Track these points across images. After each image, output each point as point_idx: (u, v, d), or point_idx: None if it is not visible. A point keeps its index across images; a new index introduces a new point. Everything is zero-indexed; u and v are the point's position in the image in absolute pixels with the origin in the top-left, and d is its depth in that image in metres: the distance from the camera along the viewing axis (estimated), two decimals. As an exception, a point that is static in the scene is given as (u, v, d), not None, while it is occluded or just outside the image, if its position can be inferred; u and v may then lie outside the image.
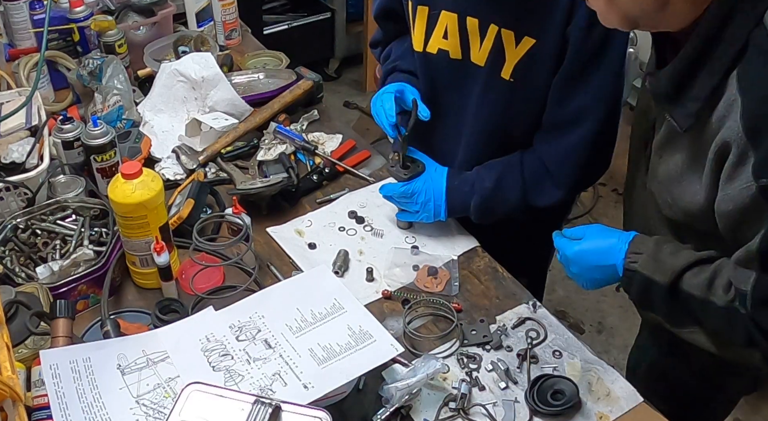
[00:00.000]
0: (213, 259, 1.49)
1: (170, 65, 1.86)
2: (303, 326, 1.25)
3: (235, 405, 1.03)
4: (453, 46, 1.47)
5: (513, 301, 1.44)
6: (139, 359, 1.21)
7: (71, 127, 1.58)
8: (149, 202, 1.33)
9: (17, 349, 1.23)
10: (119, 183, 1.34)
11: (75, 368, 1.16)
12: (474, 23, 1.41)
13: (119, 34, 1.96)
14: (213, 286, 1.45)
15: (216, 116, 1.81)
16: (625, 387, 1.29)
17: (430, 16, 1.47)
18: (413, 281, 1.47)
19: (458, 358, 1.33)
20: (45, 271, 1.39)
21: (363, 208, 1.65)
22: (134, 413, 1.13)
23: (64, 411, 1.09)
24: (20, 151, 1.58)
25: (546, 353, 1.34)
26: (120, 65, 1.83)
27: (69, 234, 1.47)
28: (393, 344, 1.22)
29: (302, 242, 1.57)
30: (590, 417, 1.24)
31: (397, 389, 1.20)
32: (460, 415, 1.23)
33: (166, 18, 2.10)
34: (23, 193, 1.50)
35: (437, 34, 1.47)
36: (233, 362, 1.20)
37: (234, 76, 1.98)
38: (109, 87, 1.77)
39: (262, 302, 1.30)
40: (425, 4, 1.47)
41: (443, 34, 1.46)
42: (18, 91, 1.78)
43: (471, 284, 1.48)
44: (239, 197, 1.56)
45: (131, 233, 1.38)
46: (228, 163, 1.73)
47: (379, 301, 1.44)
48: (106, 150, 1.57)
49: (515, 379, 1.29)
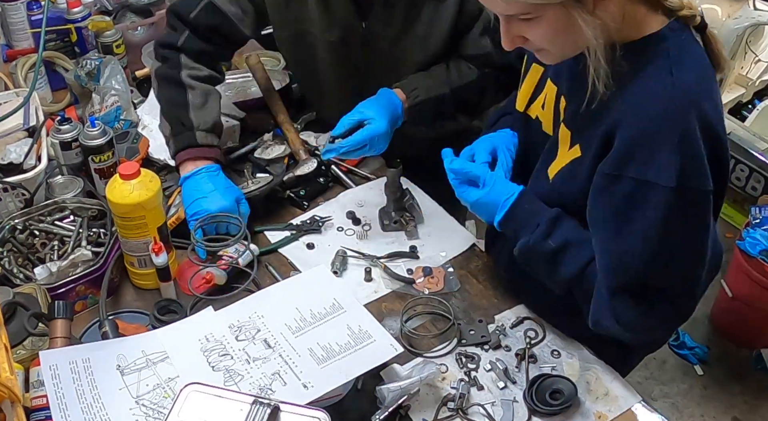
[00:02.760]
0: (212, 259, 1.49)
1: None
2: (302, 326, 1.26)
3: (233, 405, 1.03)
4: (546, 119, 1.31)
5: (511, 300, 1.44)
6: (139, 360, 1.21)
7: (69, 127, 1.58)
8: (147, 203, 1.33)
9: (15, 350, 1.23)
10: (117, 183, 1.34)
11: (74, 369, 1.16)
12: (563, 105, 1.26)
13: (117, 35, 1.96)
14: (212, 286, 1.44)
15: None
16: (624, 387, 1.29)
17: (540, 79, 1.33)
18: (412, 286, 1.47)
19: (457, 358, 1.33)
20: (43, 272, 1.39)
21: (361, 208, 1.65)
22: (134, 414, 1.13)
23: (64, 412, 1.09)
24: (18, 152, 1.58)
25: (544, 352, 1.34)
26: (118, 66, 1.83)
27: (67, 235, 1.47)
28: (392, 344, 1.22)
29: (300, 242, 1.57)
30: (589, 417, 1.25)
31: (390, 391, 1.20)
32: (459, 415, 1.23)
33: (164, 18, 2.10)
34: (21, 193, 1.50)
35: (540, 100, 1.33)
36: (233, 361, 1.20)
37: (227, 76, 1.98)
38: (106, 87, 1.77)
39: (261, 302, 1.30)
40: (541, 65, 1.32)
41: (542, 103, 1.32)
42: (16, 91, 1.78)
43: (469, 283, 1.48)
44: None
45: (129, 234, 1.38)
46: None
47: (377, 301, 1.44)
48: (104, 151, 1.56)
49: (514, 379, 1.29)
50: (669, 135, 1.05)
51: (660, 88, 1.06)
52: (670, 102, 1.05)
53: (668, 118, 1.05)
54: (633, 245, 1.12)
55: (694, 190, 1.08)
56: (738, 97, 3.07)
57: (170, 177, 1.72)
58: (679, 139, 1.04)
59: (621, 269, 1.15)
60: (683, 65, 1.07)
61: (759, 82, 3.11)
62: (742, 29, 2.72)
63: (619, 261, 1.15)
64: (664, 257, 1.13)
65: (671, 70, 1.06)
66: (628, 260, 1.14)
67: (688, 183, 1.06)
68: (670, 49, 1.08)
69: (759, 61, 3.06)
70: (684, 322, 1.33)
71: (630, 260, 1.14)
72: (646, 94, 1.08)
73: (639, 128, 1.07)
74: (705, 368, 2.68)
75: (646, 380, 2.64)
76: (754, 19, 2.70)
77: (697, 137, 1.05)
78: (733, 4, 2.73)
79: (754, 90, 3.13)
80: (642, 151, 1.07)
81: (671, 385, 2.64)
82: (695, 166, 1.06)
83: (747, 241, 2.46)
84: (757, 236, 2.45)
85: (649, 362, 2.70)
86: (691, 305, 1.24)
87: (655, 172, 1.06)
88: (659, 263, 1.13)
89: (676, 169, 1.05)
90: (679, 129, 1.05)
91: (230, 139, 1.80)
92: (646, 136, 1.07)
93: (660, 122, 1.06)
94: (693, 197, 1.09)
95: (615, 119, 1.10)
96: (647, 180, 1.07)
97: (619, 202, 1.12)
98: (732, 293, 2.63)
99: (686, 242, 1.13)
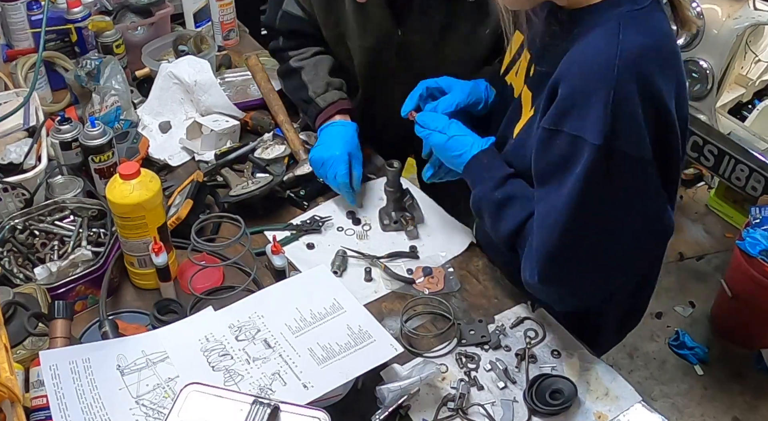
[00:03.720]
0: (212, 259, 1.49)
1: (166, 67, 1.86)
2: (302, 326, 1.26)
3: (233, 405, 1.03)
4: (518, 86, 1.35)
5: (511, 300, 1.44)
6: (139, 360, 1.21)
7: (69, 127, 1.58)
8: (147, 203, 1.33)
9: (15, 350, 1.23)
10: (117, 183, 1.34)
11: (75, 369, 1.16)
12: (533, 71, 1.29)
13: (117, 35, 1.96)
14: (212, 286, 1.45)
15: (216, 118, 1.81)
16: (624, 386, 1.29)
17: (519, 47, 1.36)
18: (412, 286, 1.47)
19: (457, 358, 1.33)
20: (43, 272, 1.39)
21: (361, 208, 1.65)
22: (134, 414, 1.13)
23: (64, 412, 1.09)
24: (18, 152, 1.58)
25: (544, 352, 1.34)
26: (118, 66, 1.83)
27: (67, 235, 1.47)
28: (392, 344, 1.22)
29: (300, 242, 1.57)
30: (588, 417, 1.25)
31: (390, 391, 1.20)
32: (459, 415, 1.23)
33: (164, 18, 2.10)
34: (21, 193, 1.50)
35: (515, 67, 1.37)
36: (233, 361, 1.20)
37: (227, 75, 1.98)
38: (106, 87, 1.77)
39: (261, 302, 1.30)
40: (522, 32, 1.33)
41: (516, 70, 1.37)
42: (16, 91, 1.78)
43: (469, 283, 1.48)
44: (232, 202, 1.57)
45: (129, 234, 1.38)
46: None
47: (377, 301, 1.44)
48: (104, 150, 1.57)
49: (514, 379, 1.29)
50: (600, 96, 1.07)
51: (603, 48, 1.09)
52: (608, 61, 1.07)
53: (604, 76, 1.07)
54: (559, 199, 1.14)
55: (622, 153, 1.09)
56: (738, 97, 3.07)
57: (170, 177, 1.73)
58: (613, 100, 1.06)
59: (546, 224, 1.18)
60: (634, 30, 1.09)
61: (759, 82, 3.10)
62: (742, 29, 2.72)
63: (546, 215, 1.18)
64: (586, 217, 1.14)
65: (619, 33, 1.08)
66: (555, 213, 1.16)
67: (616, 144, 1.08)
68: (622, 14, 1.10)
69: (759, 61, 3.06)
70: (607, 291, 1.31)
71: (557, 213, 1.15)
72: (588, 52, 1.10)
73: (576, 84, 1.10)
74: (705, 368, 2.68)
75: (646, 380, 2.64)
76: (754, 19, 2.70)
77: (635, 102, 1.07)
78: (733, 4, 2.73)
79: (754, 90, 3.12)
80: (577, 107, 1.09)
81: (671, 385, 2.64)
82: (626, 129, 1.08)
83: (747, 241, 2.46)
84: (757, 236, 2.46)
85: (649, 362, 2.70)
86: (614, 275, 1.24)
87: (585, 128, 1.08)
88: (580, 222, 1.14)
89: (604, 127, 1.06)
90: (612, 89, 1.06)
91: (230, 139, 1.81)
92: (582, 91, 1.09)
93: (595, 79, 1.08)
94: (620, 160, 1.09)
95: (558, 75, 1.13)
96: (579, 135, 1.09)
97: (555, 156, 1.15)
98: (732, 293, 2.63)
99: (611, 207, 1.14)
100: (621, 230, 1.17)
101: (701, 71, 2.79)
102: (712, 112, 2.84)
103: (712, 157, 2.80)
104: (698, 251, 3.13)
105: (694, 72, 2.80)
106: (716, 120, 2.85)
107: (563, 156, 1.13)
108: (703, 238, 3.20)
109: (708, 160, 2.82)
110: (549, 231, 1.18)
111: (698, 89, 2.82)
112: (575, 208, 1.13)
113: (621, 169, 1.11)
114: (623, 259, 1.21)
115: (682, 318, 2.87)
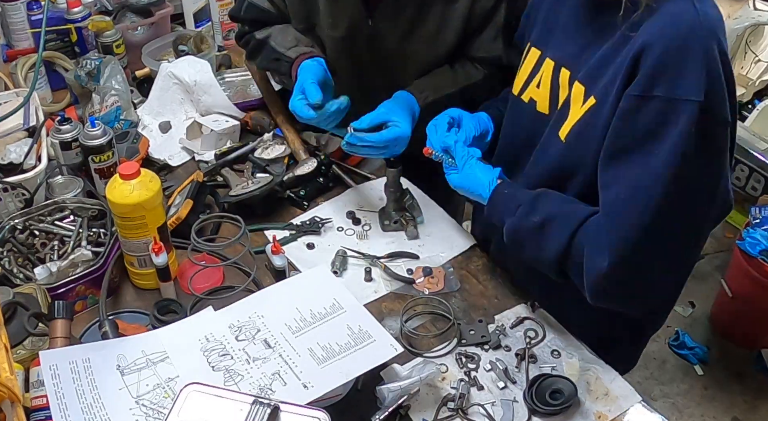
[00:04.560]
0: (212, 259, 1.49)
1: (166, 67, 1.86)
2: (302, 326, 1.26)
3: (233, 405, 1.03)
4: (542, 98, 1.34)
5: (511, 300, 1.44)
6: (139, 360, 1.21)
7: (69, 127, 1.58)
8: (147, 203, 1.33)
9: (15, 350, 1.23)
10: (117, 183, 1.34)
11: (75, 369, 1.16)
12: (566, 76, 1.28)
13: (117, 35, 1.96)
14: (212, 286, 1.45)
15: (216, 118, 1.81)
16: (624, 387, 1.29)
17: (537, 61, 1.36)
18: (413, 286, 1.47)
19: (457, 358, 1.33)
20: (43, 272, 1.39)
21: (361, 208, 1.65)
22: (134, 414, 1.13)
23: (64, 412, 1.09)
24: (18, 152, 1.58)
25: (544, 352, 1.34)
26: (118, 66, 1.83)
27: (67, 235, 1.47)
28: (392, 344, 1.22)
29: (300, 242, 1.57)
30: (588, 417, 1.25)
31: (390, 391, 1.20)
32: (459, 415, 1.23)
33: (164, 18, 2.10)
34: (21, 193, 1.50)
35: (535, 81, 1.36)
36: (233, 361, 1.20)
37: (227, 75, 1.98)
38: (106, 87, 1.77)
39: (261, 302, 1.30)
40: (540, 48, 1.36)
41: (538, 83, 1.35)
42: (16, 91, 1.78)
43: (469, 283, 1.48)
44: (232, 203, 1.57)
45: (129, 234, 1.38)
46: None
47: (377, 301, 1.44)
48: (104, 150, 1.57)
49: (514, 379, 1.29)
50: (696, 54, 1.08)
51: (686, 15, 1.11)
52: (695, 27, 1.09)
53: (695, 39, 1.09)
54: (653, 170, 1.11)
55: (717, 114, 1.10)
56: (738, 97, 3.07)
57: (170, 177, 1.73)
58: (706, 60, 1.08)
59: (635, 199, 1.13)
60: (707, 3, 1.13)
61: (759, 82, 3.11)
62: (742, 29, 2.72)
63: (635, 190, 1.13)
64: (681, 189, 1.12)
65: (694, 3, 1.11)
66: (647, 187, 1.12)
67: (713, 103, 1.09)
68: None
69: (759, 61, 3.06)
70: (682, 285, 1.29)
71: (648, 187, 1.12)
72: (671, 20, 1.11)
73: (666, 48, 1.10)
74: (705, 368, 2.68)
75: (646, 380, 2.64)
76: (754, 19, 2.71)
77: (719, 63, 1.09)
78: (733, 4, 2.74)
79: (754, 90, 3.13)
80: (670, 70, 1.09)
81: (671, 385, 2.64)
82: (718, 90, 1.10)
83: (747, 241, 2.46)
84: (757, 236, 2.46)
85: (649, 362, 2.70)
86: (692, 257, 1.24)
87: (684, 88, 1.09)
88: (676, 195, 1.12)
89: (704, 85, 1.08)
90: (703, 50, 1.08)
91: (230, 139, 1.81)
92: (673, 55, 1.09)
93: (687, 42, 1.09)
94: (714, 121, 1.11)
95: (639, 47, 1.12)
96: (677, 97, 1.09)
97: (645, 125, 1.12)
98: (732, 293, 2.63)
99: (704, 176, 1.14)
100: (704, 203, 1.16)
101: (701, 71, 2.78)
102: (713, 112, 2.83)
103: (713, 157, 2.80)
104: (698, 251, 3.13)
105: (694, 72, 2.79)
106: (716, 120, 2.84)
107: (657, 122, 1.11)
108: (703, 238, 3.20)
109: (708, 160, 2.81)
110: (638, 212, 1.12)
111: (698, 89, 2.81)
112: (672, 179, 1.11)
113: (715, 132, 1.11)
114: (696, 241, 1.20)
115: (682, 318, 2.87)
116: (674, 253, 1.19)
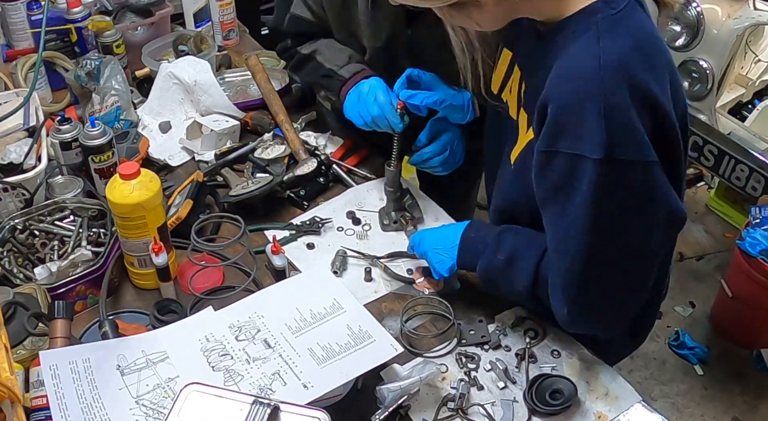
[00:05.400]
0: (212, 259, 1.49)
1: (166, 67, 1.86)
2: (302, 326, 1.26)
3: (233, 405, 1.03)
4: (512, 103, 1.31)
5: (511, 300, 1.44)
6: (139, 360, 1.21)
7: (69, 127, 1.58)
8: (147, 203, 1.33)
9: (15, 350, 1.23)
10: (117, 184, 1.34)
11: (75, 369, 1.16)
12: (524, 89, 1.25)
13: (117, 35, 1.96)
14: (212, 286, 1.45)
15: (216, 118, 1.81)
16: (624, 386, 1.29)
17: (510, 63, 1.32)
18: (413, 286, 1.47)
19: (457, 358, 1.33)
20: (43, 272, 1.39)
21: (361, 208, 1.65)
22: (134, 414, 1.13)
23: (64, 412, 1.09)
24: (18, 152, 1.58)
25: (544, 352, 1.34)
26: (118, 66, 1.83)
27: (67, 235, 1.47)
28: (392, 344, 1.22)
29: (300, 242, 1.57)
30: (588, 417, 1.25)
31: (390, 391, 1.20)
32: (459, 415, 1.23)
33: (164, 18, 2.10)
34: (21, 193, 1.50)
35: (509, 85, 1.32)
36: (233, 361, 1.20)
37: (227, 75, 1.98)
38: (106, 87, 1.77)
39: (261, 302, 1.30)
40: (510, 49, 1.32)
41: (510, 87, 1.32)
42: (16, 91, 1.78)
43: (469, 283, 1.48)
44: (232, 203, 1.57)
45: (129, 234, 1.38)
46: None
47: (377, 301, 1.44)
48: (104, 151, 1.57)
49: (514, 379, 1.29)
50: (591, 111, 1.04)
51: (584, 60, 1.05)
52: (592, 73, 1.04)
53: (591, 89, 1.04)
54: (571, 223, 1.11)
55: (625, 161, 1.06)
56: (738, 97, 3.07)
57: (170, 177, 1.73)
58: (605, 111, 1.03)
59: (564, 251, 1.15)
60: (613, 36, 1.06)
61: (759, 82, 3.10)
62: (742, 29, 2.72)
63: (563, 239, 1.15)
64: (606, 231, 1.11)
65: (598, 41, 1.05)
66: (572, 236, 1.12)
67: (617, 154, 1.05)
68: (598, 21, 1.07)
69: (759, 61, 3.06)
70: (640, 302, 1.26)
71: (574, 236, 1.12)
72: (571, 66, 1.07)
73: (562, 106, 1.07)
74: (705, 368, 2.68)
75: (646, 380, 2.64)
76: (754, 19, 2.70)
77: (627, 107, 1.04)
78: (733, 4, 2.73)
79: (754, 90, 3.12)
80: (568, 127, 1.07)
81: (671, 385, 2.64)
82: (625, 137, 1.05)
83: (747, 241, 2.46)
84: (757, 236, 2.45)
85: (649, 362, 2.70)
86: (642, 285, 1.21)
87: (583, 145, 1.06)
88: (602, 237, 1.11)
89: (602, 141, 1.04)
90: (601, 100, 1.03)
91: (230, 139, 1.81)
92: (571, 108, 1.06)
93: (582, 95, 1.05)
94: (625, 169, 1.07)
95: (545, 95, 1.09)
96: (577, 153, 1.07)
97: (555, 179, 1.11)
98: (732, 293, 2.63)
99: (627, 217, 1.11)
100: (640, 237, 1.14)
101: (701, 71, 2.78)
102: (712, 112, 2.84)
103: (712, 157, 2.80)
104: (698, 251, 3.13)
105: (694, 72, 2.80)
106: (716, 120, 2.85)
107: (564, 177, 1.09)
108: (703, 238, 3.20)
109: (708, 160, 2.82)
110: (570, 258, 1.14)
111: (698, 89, 2.81)
112: (591, 229, 1.10)
113: (628, 178, 1.08)
114: (646, 265, 1.18)
115: (682, 318, 2.87)
116: (626, 282, 1.18)
